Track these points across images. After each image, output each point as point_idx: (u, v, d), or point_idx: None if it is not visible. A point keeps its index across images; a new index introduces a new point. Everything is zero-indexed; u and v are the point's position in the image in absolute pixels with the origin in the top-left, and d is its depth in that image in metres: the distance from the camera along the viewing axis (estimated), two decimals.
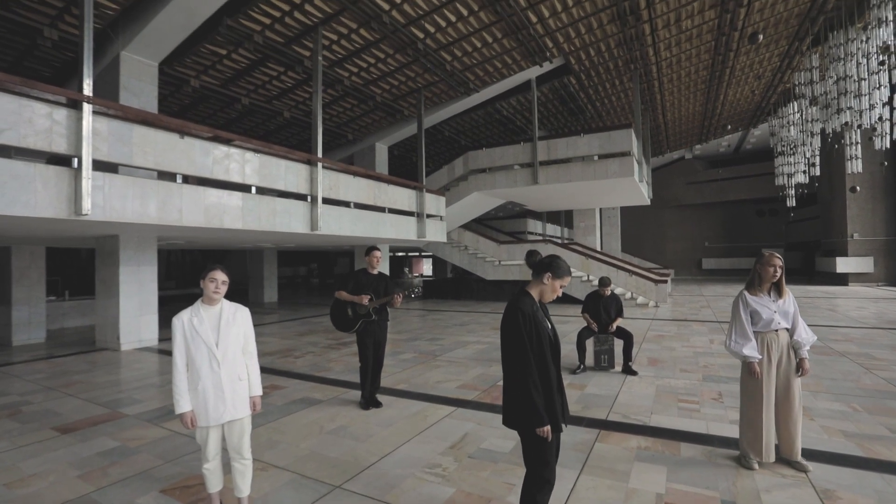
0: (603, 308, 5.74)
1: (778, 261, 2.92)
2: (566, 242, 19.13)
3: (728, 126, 19.94)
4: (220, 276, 2.34)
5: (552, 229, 25.80)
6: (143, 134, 5.63)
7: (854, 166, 12.85)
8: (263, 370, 5.42)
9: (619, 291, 13.05)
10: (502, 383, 2.05)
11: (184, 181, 6.17)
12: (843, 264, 19.42)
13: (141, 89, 7.43)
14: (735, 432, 3.39)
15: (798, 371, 2.91)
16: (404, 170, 20.13)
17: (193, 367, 2.29)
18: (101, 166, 5.27)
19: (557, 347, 2.10)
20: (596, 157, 11.64)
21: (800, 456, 2.88)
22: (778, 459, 2.93)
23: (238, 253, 22.56)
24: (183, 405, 2.26)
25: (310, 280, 32.39)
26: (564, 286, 2.09)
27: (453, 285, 16.96)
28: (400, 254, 33.01)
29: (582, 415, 3.97)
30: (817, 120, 14.26)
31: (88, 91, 5.21)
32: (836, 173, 20.08)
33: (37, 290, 8.83)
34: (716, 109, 16.87)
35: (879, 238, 19.43)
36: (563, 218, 26.60)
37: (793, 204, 18.25)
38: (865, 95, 10.49)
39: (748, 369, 2.93)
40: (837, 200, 20.35)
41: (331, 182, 8.45)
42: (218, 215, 6.42)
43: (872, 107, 10.46)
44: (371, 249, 4.29)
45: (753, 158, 27.56)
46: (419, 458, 3.14)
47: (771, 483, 2.71)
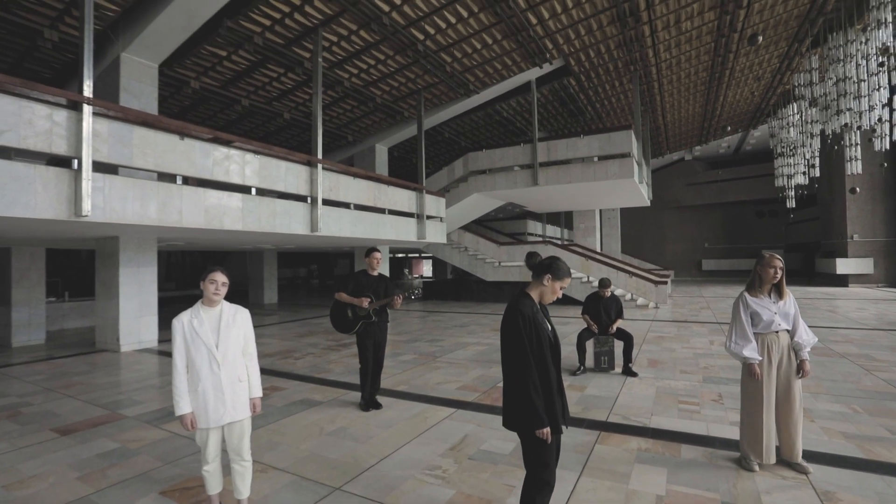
0: (603, 309, 5.73)
1: (778, 262, 2.92)
2: (566, 243, 19.13)
3: (728, 127, 19.97)
4: (221, 278, 2.34)
5: (552, 230, 25.79)
6: (144, 135, 5.63)
7: (854, 167, 12.87)
8: (263, 371, 5.42)
9: (619, 293, 13.05)
10: (502, 385, 2.04)
11: (184, 182, 6.18)
12: (843, 265, 19.43)
13: (141, 91, 7.44)
14: (735, 434, 3.39)
15: (799, 373, 2.91)
16: (404, 171, 20.14)
17: (193, 369, 2.29)
18: (102, 168, 5.27)
19: (557, 349, 2.09)
20: (596, 159, 11.65)
21: (800, 458, 2.88)
22: (778, 461, 2.93)
23: (238, 254, 22.57)
24: (183, 407, 2.26)
25: (310, 281, 32.38)
26: (564, 288, 2.08)
27: (453, 286, 16.96)
28: (400, 255, 33.00)
29: (582, 416, 3.97)
30: (817, 121, 14.29)
31: (88, 92, 5.22)
32: (836, 174, 20.10)
33: (36, 292, 8.83)
34: (715, 111, 16.89)
35: (879, 239, 19.43)
36: (563, 219, 26.61)
37: (792, 205, 18.26)
38: (865, 97, 10.50)
39: (748, 371, 2.93)
40: (837, 202, 20.36)
41: (331, 183, 8.45)
42: (218, 217, 6.42)
43: (872, 108, 10.48)
44: (371, 251, 4.29)
45: (753, 160, 27.60)
46: (419, 460, 3.14)
47: (771, 485, 2.71)
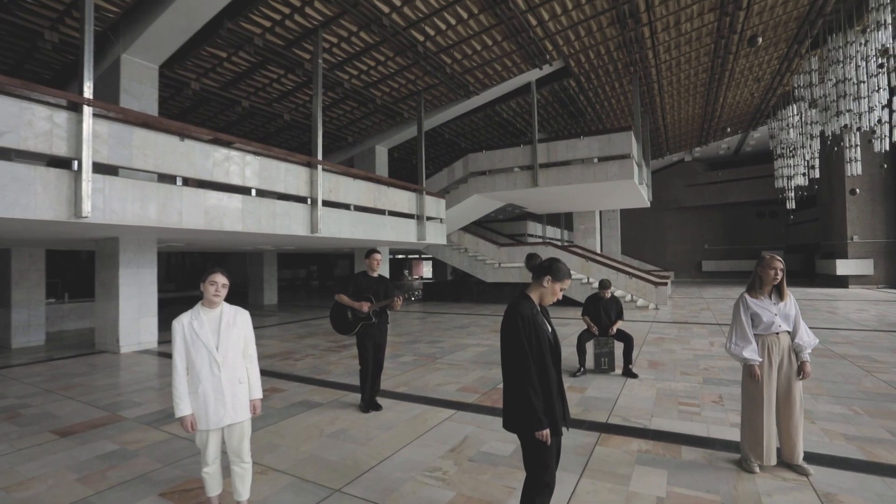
0: (603, 311, 5.73)
1: (779, 263, 2.91)
2: (566, 245, 19.13)
3: (727, 128, 19.99)
4: (221, 280, 2.34)
5: (552, 232, 25.78)
6: (144, 136, 5.63)
7: (853, 169, 12.88)
8: (263, 373, 5.41)
9: (620, 294, 13.05)
10: (502, 386, 2.04)
11: (184, 184, 6.18)
12: (843, 266, 19.44)
13: (141, 92, 7.45)
14: (736, 435, 3.39)
15: (799, 374, 2.90)
16: (404, 172, 20.15)
17: (193, 371, 2.28)
18: (102, 169, 5.27)
19: (558, 351, 2.09)
20: (596, 160, 11.65)
21: (801, 459, 2.87)
22: (779, 463, 2.92)
23: (238, 255, 22.57)
24: (183, 409, 2.26)
25: (310, 282, 32.37)
26: (565, 289, 2.08)
27: (453, 288, 16.95)
28: (400, 256, 32.99)
29: (582, 418, 3.96)
30: (816, 122, 14.30)
31: (89, 94, 5.23)
32: (836, 176, 20.12)
33: (36, 293, 8.82)
34: (715, 112, 16.91)
35: (879, 240, 19.44)
36: (563, 220, 26.61)
37: (792, 206, 18.27)
38: (865, 98, 10.52)
39: (749, 372, 2.92)
40: (837, 203, 20.37)
41: (331, 184, 8.45)
42: (218, 218, 6.42)
43: (872, 109, 10.49)
44: (371, 252, 4.29)
45: (753, 161, 27.63)
46: (419, 462, 3.14)
47: (772, 487, 2.70)
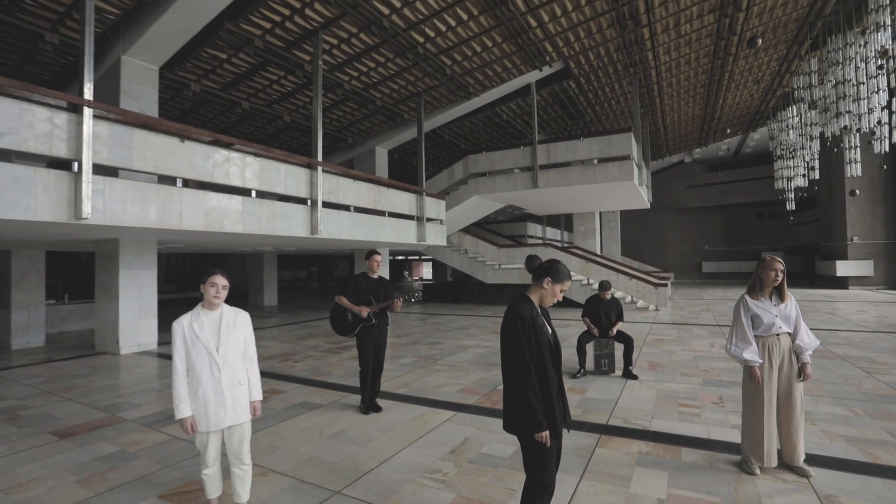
0: (603, 312, 5.73)
1: (779, 265, 2.91)
2: (566, 246, 19.13)
3: (727, 130, 20.00)
4: (221, 281, 2.34)
5: (552, 233, 25.79)
6: (144, 138, 5.64)
7: (853, 170, 12.89)
8: (263, 374, 5.41)
9: (620, 295, 13.04)
10: (502, 388, 2.04)
11: (184, 185, 6.18)
12: (843, 268, 19.44)
13: (141, 93, 7.45)
14: (736, 437, 3.39)
15: (800, 376, 2.90)
16: (404, 173, 20.15)
17: (194, 372, 2.28)
18: (102, 170, 5.27)
19: (558, 352, 2.09)
20: (596, 161, 11.66)
21: (802, 461, 2.87)
22: (780, 465, 2.92)
23: (238, 256, 22.56)
24: (183, 410, 2.25)
25: (310, 284, 32.37)
26: (565, 290, 2.08)
27: (453, 289, 16.95)
28: (400, 257, 33.01)
29: (582, 419, 3.96)
30: (816, 124, 14.30)
31: (89, 95, 5.23)
32: (836, 177, 20.13)
33: (36, 294, 8.82)
34: (715, 113, 16.92)
35: (879, 241, 19.45)
36: (563, 221, 26.63)
37: (792, 207, 18.27)
38: (864, 99, 10.52)
39: (749, 373, 2.92)
40: (837, 204, 20.38)
41: (331, 186, 8.45)
42: (218, 219, 6.42)
43: (871, 111, 10.49)
44: (371, 253, 4.28)
45: (753, 162, 27.64)
46: (419, 464, 3.13)
47: (773, 488, 2.70)
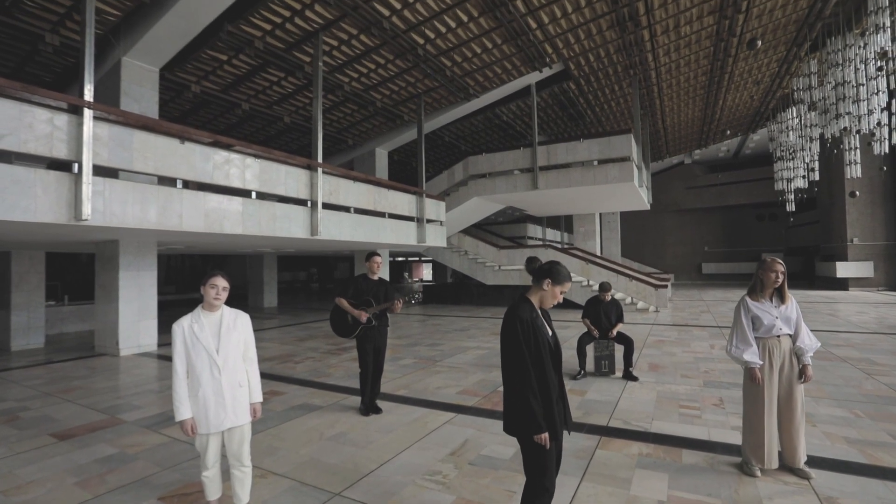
0: (603, 313, 5.72)
1: (780, 267, 2.91)
2: (566, 247, 19.13)
3: (727, 131, 20.01)
4: (221, 283, 2.34)
5: (552, 234, 25.80)
6: (144, 139, 5.64)
7: (853, 171, 12.90)
8: (263, 376, 5.39)
9: (620, 296, 13.04)
10: (503, 390, 2.04)
11: (184, 186, 6.18)
12: (843, 269, 19.43)
13: (142, 95, 7.46)
14: (737, 439, 3.38)
15: (801, 378, 2.90)
16: (404, 175, 20.15)
17: (194, 374, 2.28)
18: (102, 171, 5.27)
19: (558, 354, 2.08)
20: (596, 163, 11.66)
21: (803, 463, 2.86)
22: (781, 466, 2.91)
23: (238, 258, 22.56)
24: (183, 412, 2.25)
25: (309, 285, 32.36)
26: (565, 292, 2.07)
27: (453, 290, 16.94)
28: (400, 258, 33.00)
29: (583, 421, 3.95)
30: (816, 125, 14.32)
31: (89, 96, 5.24)
32: (836, 178, 20.14)
33: (36, 295, 8.81)
34: (715, 115, 16.93)
35: (879, 242, 19.45)
36: (563, 223, 26.64)
37: (792, 209, 18.30)
38: (864, 101, 10.53)
39: (749, 375, 2.92)
40: (837, 205, 20.38)
41: (331, 187, 8.46)
42: (218, 220, 6.42)
43: (871, 112, 10.50)
44: (371, 255, 4.28)
45: (753, 163, 27.66)
46: (419, 465, 3.13)
47: (773, 490, 2.69)
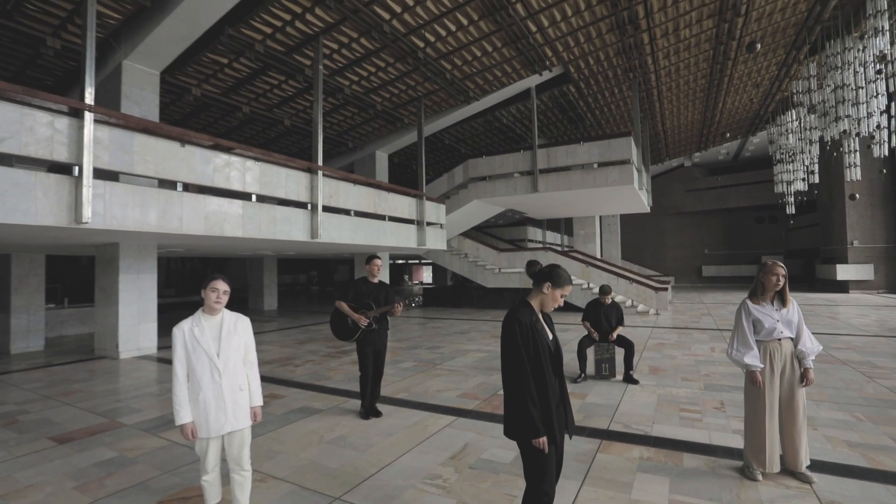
0: (604, 316, 5.72)
1: (781, 270, 2.91)
2: (566, 250, 19.13)
3: (727, 134, 20.04)
4: (222, 287, 2.33)
5: (552, 237, 25.80)
6: (144, 142, 5.65)
7: (853, 174, 12.90)
8: (263, 379, 5.37)
9: (620, 299, 13.03)
10: (503, 393, 2.03)
11: (184, 189, 6.18)
12: (844, 271, 19.41)
13: (142, 98, 7.47)
14: (738, 442, 3.38)
15: (802, 381, 2.89)
16: (404, 178, 20.18)
17: (194, 378, 2.27)
18: (102, 174, 5.28)
19: (559, 358, 2.08)
20: (596, 165, 11.68)
21: (805, 467, 2.85)
22: (783, 470, 2.90)
23: (238, 260, 22.54)
24: (183, 416, 2.24)
25: (310, 288, 32.34)
26: (565, 295, 2.07)
27: (453, 293, 16.93)
28: (400, 261, 33.00)
29: (583, 424, 3.94)
30: (815, 128, 14.34)
31: (90, 100, 5.24)
32: (836, 181, 20.14)
33: (36, 298, 8.81)
34: (714, 117, 16.96)
35: (879, 245, 19.43)
36: (563, 225, 26.64)
37: (792, 211, 18.29)
38: (863, 104, 10.55)
39: (750, 378, 2.92)
40: (837, 208, 20.38)
41: (331, 190, 8.46)
42: (218, 223, 6.42)
43: (870, 115, 10.52)
44: (371, 258, 4.28)
45: (752, 166, 27.70)
46: (419, 469, 3.12)
47: (775, 494, 2.68)
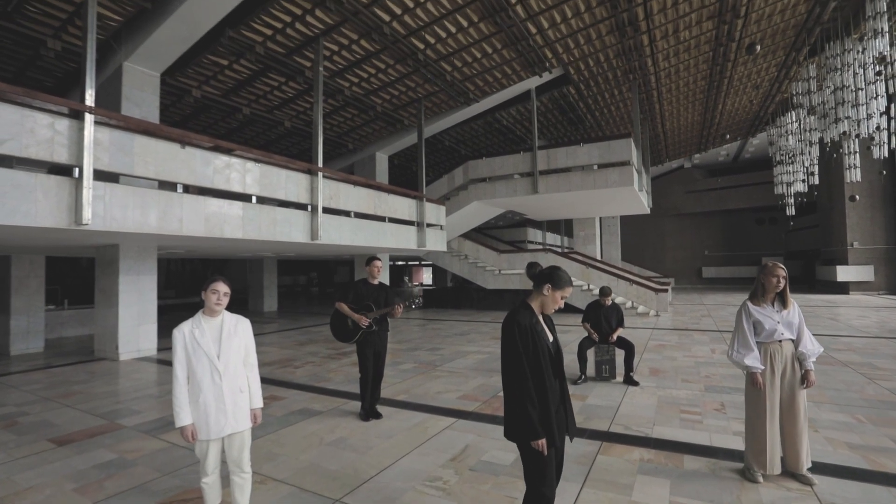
0: (604, 318, 5.72)
1: (781, 271, 2.91)
2: (566, 251, 19.13)
3: (727, 135, 20.05)
4: (223, 288, 2.33)
5: (552, 238, 25.81)
6: (145, 144, 5.65)
7: (853, 175, 12.90)
8: (263, 380, 5.36)
9: (620, 301, 13.02)
10: (503, 395, 2.03)
11: (184, 191, 6.18)
12: (844, 273, 19.40)
13: (143, 99, 7.48)
14: (739, 444, 3.37)
15: (803, 383, 2.88)
16: (404, 179, 20.19)
17: (194, 380, 2.27)
18: (102, 176, 5.28)
19: (559, 360, 2.07)
20: (596, 167, 11.68)
21: (806, 469, 2.85)
22: (784, 472, 2.90)
23: (238, 262, 22.54)
24: (183, 418, 2.23)
25: (310, 289, 32.32)
26: (566, 297, 2.07)
27: (453, 294, 16.93)
28: (400, 263, 33.01)
29: (584, 426, 3.94)
30: (815, 129, 14.35)
31: (90, 101, 5.24)
32: (835, 182, 20.14)
33: (36, 299, 8.80)
34: (714, 119, 16.97)
35: (879, 246, 19.43)
36: (563, 227, 26.65)
37: (792, 212, 18.27)
38: (863, 105, 10.55)
39: (751, 380, 2.91)
40: (837, 209, 20.39)
41: (331, 191, 8.46)
42: (218, 225, 6.42)
43: (870, 116, 10.52)
44: (372, 259, 4.27)
45: (752, 167, 27.71)
46: (419, 471, 3.11)
47: (776, 496, 2.67)
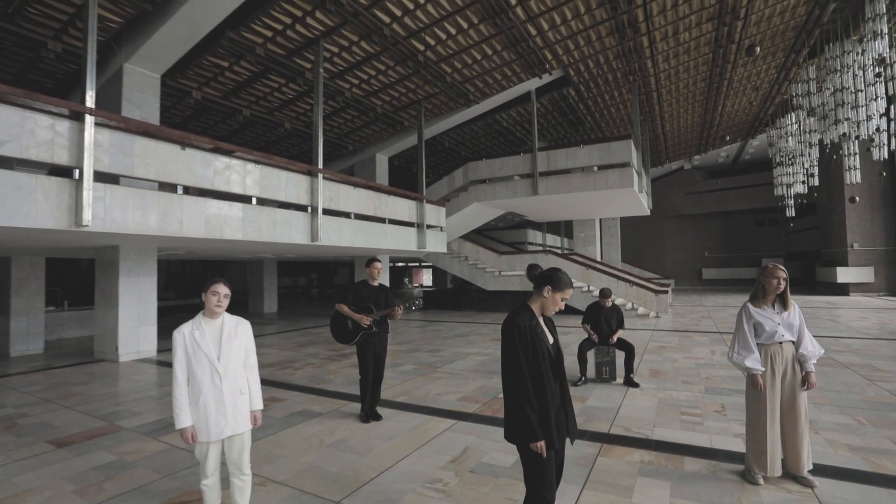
0: (604, 319, 5.71)
1: (782, 273, 2.91)
2: (566, 253, 19.13)
3: (726, 137, 20.07)
4: (223, 290, 2.33)
5: (552, 239, 25.83)
6: (145, 145, 5.66)
7: (853, 176, 12.90)
8: (262, 382, 5.35)
9: (620, 302, 13.02)
10: (503, 397, 2.03)
11: (185, 192, 6.19)
12: (844, 274, 19.39)
13: (143, 101, 7.49)
14: (739, 446, 3.37)
15: (804, 384, 2.88)
16: (405, 180, 20.21)
17: (194, 381, 2.27)
18: (103, 177, 5.29)
19: (559, 362, 2.07)
20: (595, 168, 11.69)
21: (806, 471, 2.84)
22: (784, 474, 2.89)
23: (238, 263, 22.54)
24: (183, 420, 2.23)
25: (310, 290, 32.32)
26: (566, 299, 2.07)
27: (453, 296, 16.93)
28: (400, 264, 33.01)
29: (584, 428, 3.93)
30: (815, 131, 14.37)
31: (91, 103, 5.25)
32: (835, 183, 20.15)
33: (36, 301, 8.80)
34: (714, 120, 16.99)
35: (879, 248, 19.43)
36: (563, 228, 26.66)
37: (792, 214, 18.28)
38: (863, 107, 10.56)
39: (751, 381, 2.91)
40: (837, 210, 20.39)
41: (331, 193, 8.47)
42: (218, 226, 6.42)
43: (870, 118, 10.53)
44: (372, 261, 4.27)
45: (752, 169, 27.72)
46: (420, 473, 3.11)
47: (776, 498, 2.67)
